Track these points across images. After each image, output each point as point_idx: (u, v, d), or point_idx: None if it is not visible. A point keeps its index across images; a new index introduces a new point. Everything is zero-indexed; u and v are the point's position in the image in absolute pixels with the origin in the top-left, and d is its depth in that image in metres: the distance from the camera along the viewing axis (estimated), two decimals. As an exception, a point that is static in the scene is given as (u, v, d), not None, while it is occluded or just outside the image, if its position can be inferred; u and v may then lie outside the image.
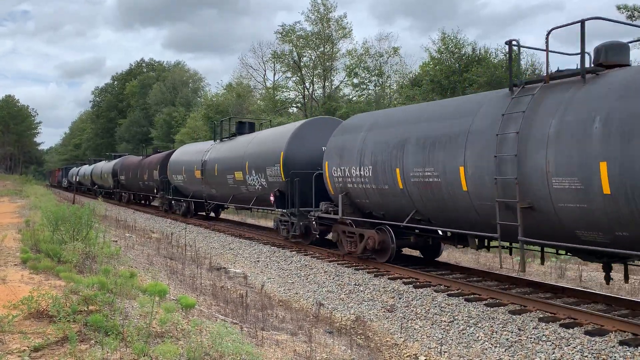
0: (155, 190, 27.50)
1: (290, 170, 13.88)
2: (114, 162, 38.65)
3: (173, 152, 26.51)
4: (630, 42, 7.93)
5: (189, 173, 21.75)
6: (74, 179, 52.77)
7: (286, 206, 14.11)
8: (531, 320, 7.25)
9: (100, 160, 50.56)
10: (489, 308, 7.95)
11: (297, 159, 14.06)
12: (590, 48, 7.45)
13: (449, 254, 14.10)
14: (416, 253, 12.51)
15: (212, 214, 23.40)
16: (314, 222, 13.01)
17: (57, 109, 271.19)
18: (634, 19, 21.53)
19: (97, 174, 41.47)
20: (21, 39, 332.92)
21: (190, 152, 22.98)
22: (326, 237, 14.32)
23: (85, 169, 49.95)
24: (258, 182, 15.85)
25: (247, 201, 17.51)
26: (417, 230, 10.67)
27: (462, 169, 8.44)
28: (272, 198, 14.81)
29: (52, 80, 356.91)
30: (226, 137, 20.19)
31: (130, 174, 31.89)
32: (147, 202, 34.14)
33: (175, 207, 24.64)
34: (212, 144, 21.07)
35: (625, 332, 6.57)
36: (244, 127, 19.61)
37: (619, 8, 21.83)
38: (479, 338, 7.15)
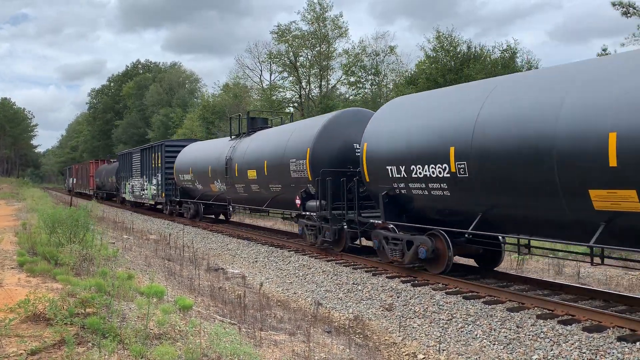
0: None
1: None
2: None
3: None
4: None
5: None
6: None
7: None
8: (529, 318, 7.26)
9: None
10: (487, 306, 7.95)
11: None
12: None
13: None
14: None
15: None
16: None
17: (57, 112, 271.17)
18: (629, 15, 21.56)
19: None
20: (21, 42, 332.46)
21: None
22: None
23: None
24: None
25: None
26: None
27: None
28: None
29: (52, 82, 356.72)
30: None
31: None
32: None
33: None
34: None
35: (623, 328, 6.58)
36: None
37: (613, 5, 21.86)
38: (478, 336, 7.16)
